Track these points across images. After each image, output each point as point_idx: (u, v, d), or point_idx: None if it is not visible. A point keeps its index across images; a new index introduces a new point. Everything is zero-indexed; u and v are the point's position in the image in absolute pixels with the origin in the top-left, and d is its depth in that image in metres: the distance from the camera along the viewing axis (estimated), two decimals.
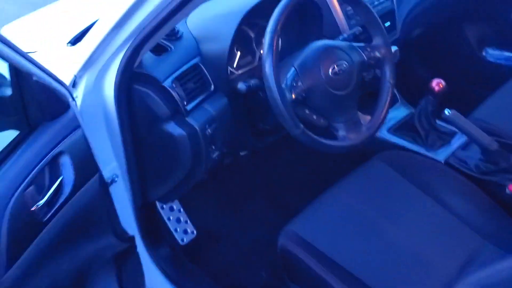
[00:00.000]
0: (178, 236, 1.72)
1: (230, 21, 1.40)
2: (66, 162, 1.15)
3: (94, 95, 1.23)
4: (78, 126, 1.18)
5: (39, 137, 1.14)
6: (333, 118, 1.32)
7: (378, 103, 1.36)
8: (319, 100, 1.29)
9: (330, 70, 1.29)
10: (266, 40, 1.20)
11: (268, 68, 1.19)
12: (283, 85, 1.24)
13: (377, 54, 1.38)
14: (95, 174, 1.24)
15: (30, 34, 1.61)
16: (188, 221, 1.76)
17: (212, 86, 1.42)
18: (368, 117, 1.37)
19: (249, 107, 1.51)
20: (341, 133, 1.32)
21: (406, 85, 1.90)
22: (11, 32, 1.66)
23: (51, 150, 1.13)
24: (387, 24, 1.78)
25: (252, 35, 1.56)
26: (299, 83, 1.27)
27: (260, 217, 1.88)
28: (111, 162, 1.31)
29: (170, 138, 1.34)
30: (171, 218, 1.73)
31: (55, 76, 1.12)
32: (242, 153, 1.66)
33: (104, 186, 1.30)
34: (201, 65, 1.40)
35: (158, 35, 1.18)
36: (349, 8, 1.67)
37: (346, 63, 1.32)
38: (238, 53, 1.53)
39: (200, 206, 1.84)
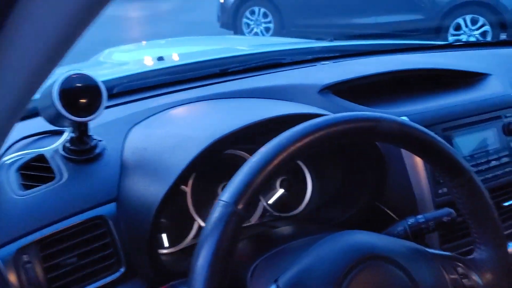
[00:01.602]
0: None
1: (193, 145, 0.70)
2: None
3: None
4: None
5: None
6: None
7: None
8: None
9: None
10: (216, 210, 0.52)
11: (200, 267, 0.50)
12: None
13: (478, 281, 0.64)
14: None
15: None
16: None
17: (122, 268, 0.70)
18: None
19: None
20: None
21: None
22: None
23: None
24: (509, 203, 0.96)
25: None
26: None
27: None
28: None
29: None
30: None
31: None
32: None
33: None
34: (109, 220, 0.70)
35: None
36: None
37: None
38: None
39: None
